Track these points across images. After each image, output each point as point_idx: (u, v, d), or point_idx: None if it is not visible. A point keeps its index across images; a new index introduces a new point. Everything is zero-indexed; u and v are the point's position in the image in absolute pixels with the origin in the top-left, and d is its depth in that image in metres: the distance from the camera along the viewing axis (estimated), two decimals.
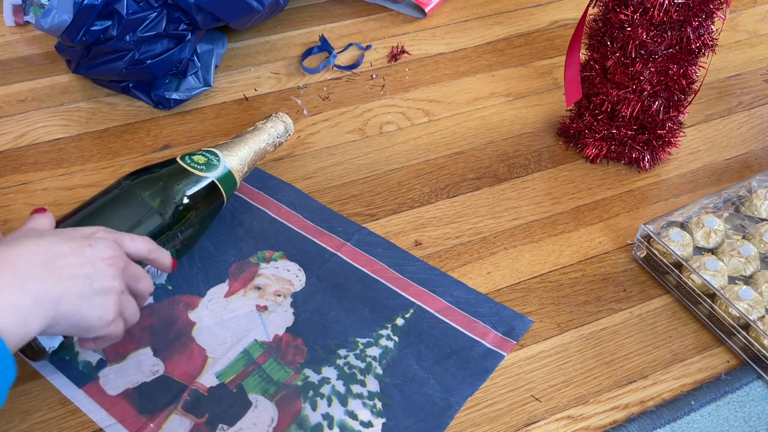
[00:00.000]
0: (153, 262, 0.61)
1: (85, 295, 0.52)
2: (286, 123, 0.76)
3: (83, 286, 0.52)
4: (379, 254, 0.72)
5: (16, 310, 0.48)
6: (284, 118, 0.76)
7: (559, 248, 0.74)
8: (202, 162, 0.69)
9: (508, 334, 0.67)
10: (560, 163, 0.83)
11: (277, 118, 0.76)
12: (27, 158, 0.80)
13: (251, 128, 0.75)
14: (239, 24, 0.88)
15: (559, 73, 0.94)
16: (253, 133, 0.74)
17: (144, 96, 0.86)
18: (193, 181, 0.68)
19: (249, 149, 0.73)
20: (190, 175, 0.68)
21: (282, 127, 0.76)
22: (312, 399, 0.62)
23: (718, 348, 0.67)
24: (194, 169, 0.69)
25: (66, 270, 0.52)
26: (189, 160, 0.69)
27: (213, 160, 0.70)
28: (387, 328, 0.67)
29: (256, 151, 0.74)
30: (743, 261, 0.70)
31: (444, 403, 0.62)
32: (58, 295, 0.51)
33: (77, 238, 0.54)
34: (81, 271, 0.52)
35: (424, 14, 1.02)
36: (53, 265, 0.51)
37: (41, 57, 0.93)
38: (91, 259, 0.53)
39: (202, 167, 0.69)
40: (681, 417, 0.62)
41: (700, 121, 0.89)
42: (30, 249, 0.51)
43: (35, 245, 0.52)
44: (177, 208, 0.67)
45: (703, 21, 0.73)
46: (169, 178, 0.68)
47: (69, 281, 0.51)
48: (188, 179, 0.68)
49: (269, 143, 0.75)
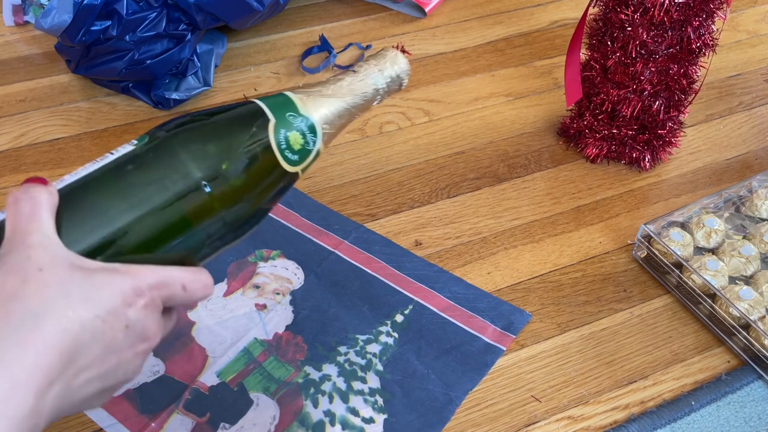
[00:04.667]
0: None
1: (107, 388, 0.42)
2: (399, 67, 0.53)
3: (106, 382, 0.42)
4: (377, 251, 0.72)
5: (25, 424, 0.37)
6: (397, 59, 0.54)
7: (560, 248, 0.74)
8: (297, 146, 0.49)
9: (507, 329, 0.67)
10: (560, 163, 0.83)
11: (389, 60, 0.53)
12: (27, 158, 0.80)
13: (352, 72, 0.53)
14: (239, 24, 0.88)
15: (559, 72, 0.94)
16: (356, 80, 0.52)
17: (144, 96, 0.86)
18: (277, 177, 0.49)
19: (346, 109, 0.52)
20: (275, 167, 0.48)
21: (394, 71, 0.53)
22: (313, 396, 0.62)
23: (719, 348, 0.67)
24: (285, 160, 0.49)
25: (89, 371, 0.40)
26: (282, 137, 0.48)
27: (309, 142, 0.50)
28: (386, 324, 0.67)
29: (351, 114, 0.53)
30: (744, 261, 0.70)
31: (445, 398, 0.62)
32: (75, 404, 0.41)
33: (110, 307, 0.40)
34: (106, 367, 0.41)
35: (424, 14, 1.02)
36: (74, 365, 0.39)
37: (41, 57, 0.93)
38: (122, 347, 0.41)
39: (295, 156, 0.49)
40: (681, 417, 0.62)
41: (701, 121, 0.89)
42: (46, 337, 0.38)
43: (52, 327, 0.38)
44: (241, 206, 0.47)
45: (704, 21, 0.73)
46: (239, 170, 0.47)
47: (90, 384, 0.41)
48: (270, 173, 0.48)
49: (369, 100, 0.53)
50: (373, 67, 0.53)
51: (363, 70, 0.53)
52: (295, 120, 0.49)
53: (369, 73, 0.53)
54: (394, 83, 0.54)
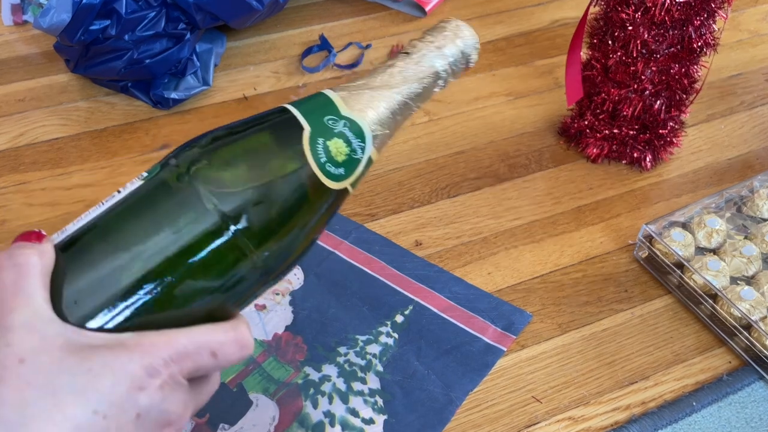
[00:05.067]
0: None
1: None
2: (462, 41, 0.45)
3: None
4: (377, 251, 0.72)
5: None
6: (460, 31, 0.45)
7: (560, 248, 0.74)
8: (341, 157, 0.40)
9: (508, 329, 0.67)
10: (561, 163, 0.83)
11: (450, 33, 0.45)
12: (25, 158, 0.80)
13: (404, 56, 0.43)
14: (238, 23, 0.88)
15: (560, 72, 0.94)
16: (410, 64, 0.43)
17: (143, 95, 0.86)
18: (320, 198, 0.40)
19: (400, 103, 0.42)
20: (316, 186, 0.39)
21: (457, 49, 0.44)
22: (313, 397, 0.61)
23: (720, 349, 0.67)
24: (326, 175, 0.39)
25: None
26: (321, 148, 0.39)
27: (356, 149, 0.40)
28: (386, 325, 0.67)
29: (407, 108, 0.43)
30: (745, 261, 0.70)
31: (445, 399, 0.62)
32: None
33: (114, 397, 0.33)
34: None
35: (425, 13, 1.02)
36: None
37: (40, 56, 0.93)
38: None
39: (339, 169, 0.40)
40: (682, 418, 0.62)
41: (702, 121, 0.89)
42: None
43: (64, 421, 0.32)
44: (278, 244, 0.39)
45: (705, 20, 0.73)
46: (276, 189, 0.38)
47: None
48: (309, 195, 0.39)
49: (428, 87, 0.44)
50: (429, 45, 0.43)
51: (418, 51, 0.43)
52: (336, 124, 0.40)
53: (425, 54, 0.43)
54: (458, 62, 0.44)
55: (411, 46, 0.44)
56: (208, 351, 0.36)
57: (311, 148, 0.39)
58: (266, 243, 0.38)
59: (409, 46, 0.44)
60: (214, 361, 0.36)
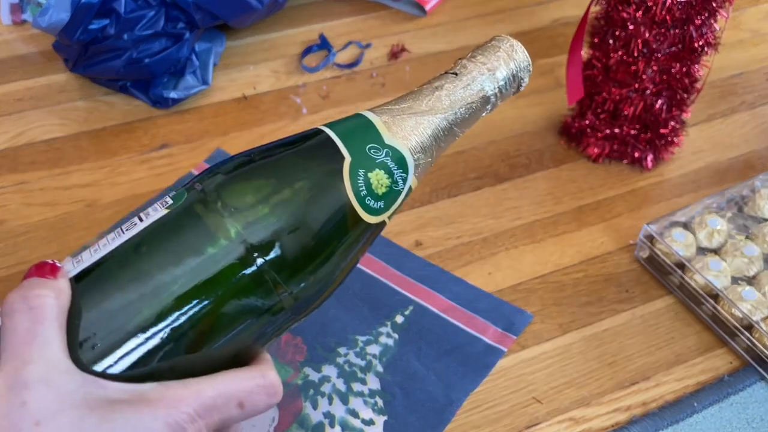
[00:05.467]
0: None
1: None
2: (516, 63, 0.43)
3: None
4: (378, 252, 0.72)
5: None
6: (513, 52, 0.44)
7: (561, 248, 0.74)
8: (382, 190, 0.37)
9: (508, 329, 0.66)
10: (562, 163, 0.83)
11: (503, 54, 0.43)
12: (24, 158, 0.80)
13: (452, 77, 0.41)
14: (238, 22, 0.88)
15: (560, 71, 0.93)
16: (458, 87, 0.40)
17: (142, 95, 0.86)
18: (356, 233, 0.37)
19: (446, 129, 0.40)
20: (354, 221, 0.37)
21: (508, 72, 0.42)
22: (313, 398, 0.61)
23: (721, 349, 0.67)
24: (365, 210, 0.37)
25: None
26: (362, 181, 0.36)
27: (398, 180, 0.38)
28: (386, 325, 0.66)
29: (452, 134, 0.42)
30: (746, 261, 0.70)
31: (445, 400, 0.62)
32: None
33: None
34: None
35: (425, 12, 1.02)
36: None
37: (38, 56, 0.92)
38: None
39: (379, 203, 0.37)
40: (683, 419, 0.62)
41: (703, 121, 0.89)
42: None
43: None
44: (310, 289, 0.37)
45: (706, 19, 0.73)
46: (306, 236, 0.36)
47: None
48: (346, 231, 0.37)
49: (476, 112, 0.41)
50: (481, 67, 0.41)
51: (467, 73, 0.40)
52: (378, 154, 0.37)
53: (476, 77, 0.40)
54: (509, 86, 0.42)
55: (461, 66, 0.41)
56: (236, 402, 0.34)
57: (351, 180, 0.36)
58: (298, 279, 0.36)
59: (459, 66, 0.41)
60: (241, 412, 0.34)
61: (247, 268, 0.35)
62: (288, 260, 0.35)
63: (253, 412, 0.35)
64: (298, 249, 0.35)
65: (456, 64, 0.41)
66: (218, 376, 0.34)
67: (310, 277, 0.36)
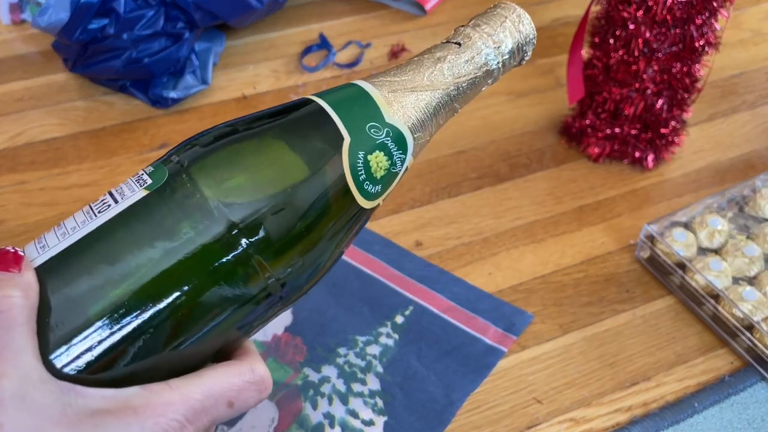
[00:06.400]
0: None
1: None
2: (522, 34, 0.41)
3: None
4: (377, 252, 0.72)
5: None
6: (520, 22, 0.42)
7: (562, 248, 0.74)
8: (381, 173, 0.35)
9: (509, 330, 0.66)
10: (562, 163, 0.82)
11: (509, 24, 0.40)
12: (23, 158, 0.80)
13: (455, 47, 0.38)
14: (238, 22, 0.88)
15: (561, 71, 0.93)
16: (460, 59, 0.37)
17: (141, 95, 0.86)
18: (349, 218, 0.35)
19: (446, 105, 0.37)
20: (349, 205, 0.34)
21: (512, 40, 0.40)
22: (312, 398, 0.61)
23: (722, 349, 0.67)
24: (362, 194, 0.34)
25: None
26: (361, 164, 0.34)
27: (396, 162, 0.35)
28: (386, 326, 0.66)
29: (452, 109, 0.38)
30: (747, 261, 0.69)
31: (445, 400, 0.61)
32: None
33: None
34: None
35: (425, 12, 1.02)
36: None
37: (38, 55, 0.92)
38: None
39: (377, 186, 0.35)
40: (684, 419, 0.61)
41: (704, 120, 0.89)
42: None
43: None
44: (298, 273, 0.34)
45: (707, 19, 0.73)
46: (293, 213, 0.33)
47: None
48: (339, 215, 0.34)
49: (477, 85, 0.39)
50: (486, 38, 0.38)
51: (471, 44, 0.37)
52: (378, 134, 0.34)
53: (480, 49, 0.38)
54: (512, 59, 0.40)
55: (464, 35, 0.38)
56: (225, 402, 0.32)
57: (350, 163, 0.33)
58: (285, 264, 0.33)
59: (462, 35, 0.38)
60: (230, 411, 0.32)
61: (230, 248, 0.32)
62: (275, 243, 0.32)
63: (244, 409, 0.33)
64: (287, 232, 0.32)
65: (458, 33, 0.38)
66: (205, 375, 0.32)
67: (298, 262, 0.34)
